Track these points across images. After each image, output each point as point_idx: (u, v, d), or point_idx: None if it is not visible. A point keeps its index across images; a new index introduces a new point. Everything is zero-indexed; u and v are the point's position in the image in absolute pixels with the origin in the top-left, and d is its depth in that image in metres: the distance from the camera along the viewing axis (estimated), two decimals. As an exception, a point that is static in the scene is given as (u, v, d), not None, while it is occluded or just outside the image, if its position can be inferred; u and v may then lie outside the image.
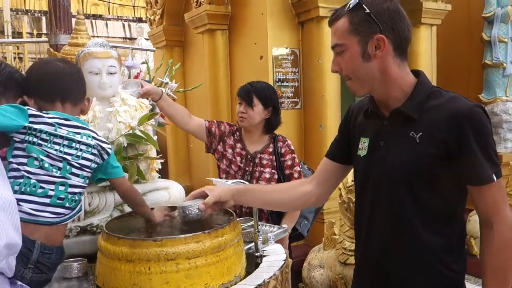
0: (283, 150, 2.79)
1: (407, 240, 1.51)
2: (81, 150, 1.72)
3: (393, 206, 1.53)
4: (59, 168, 1.67)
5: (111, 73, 2.18)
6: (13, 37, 10.47)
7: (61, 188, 1.68)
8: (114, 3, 13.10)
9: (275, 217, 2.71)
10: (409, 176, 1.48)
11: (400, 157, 1.50)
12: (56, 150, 1.67)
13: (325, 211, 3.86)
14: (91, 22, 12.25)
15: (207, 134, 2.80)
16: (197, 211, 1.67)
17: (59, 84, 1.76)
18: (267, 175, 2.72)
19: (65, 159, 1.68)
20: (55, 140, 1.67)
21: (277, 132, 2.92)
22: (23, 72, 1.84)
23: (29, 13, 11.16)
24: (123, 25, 12.54)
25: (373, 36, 1.45)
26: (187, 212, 1.68)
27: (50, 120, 1.67)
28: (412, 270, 1.53)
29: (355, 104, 1.75)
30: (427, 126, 1.46)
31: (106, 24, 12.37)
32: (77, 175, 1.72)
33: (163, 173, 5.68)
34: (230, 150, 2.79)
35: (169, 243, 1.60)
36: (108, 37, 12.01)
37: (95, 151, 1.76)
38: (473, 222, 4.57)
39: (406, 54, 1.52)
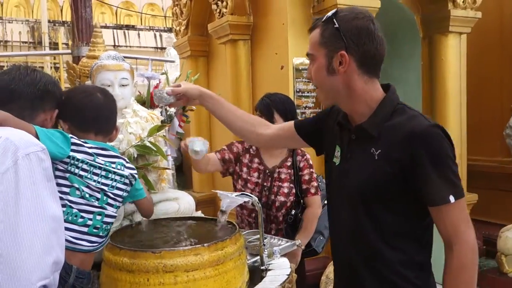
0: (301, 165, 2.76)
1: (366, 253, 1.53)
2: (115, 180, 1.79)
3: (353, 220, 1.54)
4: (97, 199, 1.74)
5: (123, 85, 2.23)
6: (49, 48, 10.81)
7: (98, 217, 1.74)
8: (146, 14, 13.38)
9: (290, 232, 2.68)
10: (367, 191, 1.50)
11: (360, 172, 1.52)
12: (95, 181, 1.72)
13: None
14: (124, 32, 12.53)
15: (222, 165, 2.74)
16: (165, 95, 1.85)
17: (97, 119, 1.82)
18: (286, 190, 2.69)
19: (102, 189, 1.75)
20: (94, 171, 1.73)
21: (298, 142, 2.89)
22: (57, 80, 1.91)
23: (65, 25, 11.50)
24: (155, 35, 12.77)
25: (338, 52, 1.47)
26: (158, 95, 1.87)
27: (90, 150, 1.72)
28: (374, 282, 1.52)
29: (336, 106, 1.74)
30: (385, 144, 1.47)
31: (138, 34, 12.62)
32: (112, 205, 1.79)
33: (188, 182, 5.75)
34: (245, 169, 2.75)
35: (167, 255, 1.60)
36: (140, 47, 12.28)
37: (127, 181, 1.84)
38: (504, 239, 4.41)
39: (376, 71, 1.53)
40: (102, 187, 1.75)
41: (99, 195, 1.74)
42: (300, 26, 3.91)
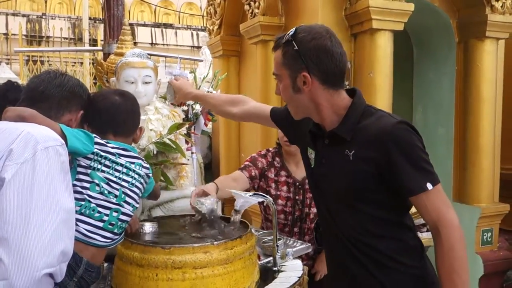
0: None
1: (360, 248, 1.59)
2: (135, 178, 1.85)
3: (340, 219, 1.62)
4: (116, 196, 1.78)
5: (146, 83, 2.27)
6: (89, 44, 11.10)
7: (115, 214, 1.77)
8: (184, 13, 13.55)
9: (320, 239, 2.62)
10: (348, 191, 1.58)
11: (338, 174, 1.60)
12: (116, 177, 1.78)
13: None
14: (162, 30, 12.74)
15: (250, 182, 2.62)
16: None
17: (113, 121, 1.88)
18: None
19: (122, 186, 1.80)
20: (116, 167, 1.79)
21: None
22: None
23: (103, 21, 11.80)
24: (192, 34, 12.92)
25: (300, 73, 1.55)
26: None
27: (112, 150, 1.79)
28: (377, 273, 1.58)
29: None
30: (358, 144, 1.55)
31: (176, 32, 12.80)
32: (129, 204, 1.82)
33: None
34: (273, 185, 2.67)
35: (176, 252, 1.63)
36: (177, 45, 12.45)
37: (142, 180, 1.89)
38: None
39: (340, 83, 1.60)
40: (123, 183, 1.79)
41: (117, 192, 1.78)
42: (332, 28, 3.80)
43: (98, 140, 1.75)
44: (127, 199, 1.81)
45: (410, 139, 1.50)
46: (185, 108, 2.77)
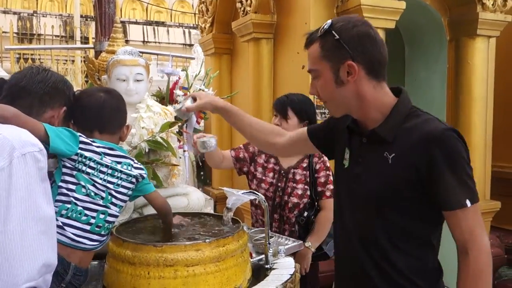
0: (317, 166, 2.73)
1: (377, 258, 1.51)
2: (121, 179, 1.80)
3: (365, 224, 1.53)
4: (102, 198, 1.75)
5: (137, 80, 2.26)
6: (81, 42, 11.04)
7: (102, 216, 1.75)
8: (176, 11, 13.51)
9: (303, 233, 2.66)
10: (380, 196, 1.48)
11: (372, 176, 1.50)
12: (101, 179, 1.74)
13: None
14: (154, 28, 12.69)
15: (234, 163, 2.77)
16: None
17: (98, 118, 1.84)
18: (300, 191, 2.67)
19: (107, 187, 1.76)
20: (101, 169, 1.75)
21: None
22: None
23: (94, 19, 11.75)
24: (184, 32, 12.88)
25: (344, 62, 1.46)
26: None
27: (97, 149, 1.75)
28: (384, 287, 1.50)
29: None
30: (400, 148, 1.45)
31: (168, 30, 12.76)
32: (115, 205, 1.80)
33: (208, 178, 5.79)
34: (260, 169, 2.76)
35: (168, 250, 1.62)
36: (169, 43, 12.41)
37: (133, 180, 1.84)
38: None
39: (383, 74, 1.53)
40: (108, 185, 1.76)
41: (104, 194, 1.75)
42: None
43: (83, 139, 1.71)
44: (114, 200, 1.79)
45: (458, 149, 1.41)
46: (177, 106, 2.77)
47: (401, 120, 1.49)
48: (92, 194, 1.72)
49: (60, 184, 1.69)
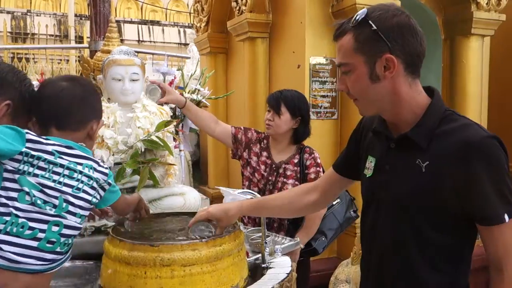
0: (308, 163, 2.73)
1: (404, 274, 1.42)
2: (82, 182, 1.51)
3: (392, 235, 1.44)
4: (54, 206, 1.44)
5: (133, 80, 2.25)
6: (75, 42, 11.00)
7: (54, 229, 1.44)
8: (171, 10, 13.49)
9: (292, 229, 2.67)
10: (411, 206, 1.38)
11: (403, 185, 1.39)
12: (54, 181, 1.44)
13: (358, 225, 3.78)
14: (149, 27, 12.67)
15: (233, 141, 2.81)
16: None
17: (54, 110, 1.54)
18: (290, 187, 2.67)
19: (63, 192, 1.46)
20: (55, 169, 1.45)
21: (312, 142, 2.88)
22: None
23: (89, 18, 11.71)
24: (179, 31, 12.86)
25: (382, 55, 1.33)
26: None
27: (49, 148, 1.45)
28: None
29: (367, 117, 1.63)
30: (435, 155, 1.34)
31: (163, 30, 12.74)
32: (74, 214, 1.49)
33: (203, 178, 5.80)
34: (254, 158, 2.78)
35: (165, 249, 1.62)
36: (164, 42, 12.38)
37: (95, 185, 1.55)
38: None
39: (419, 70, 1.40)
40: (64, 189, 1.46)
41: (56, 201, 1.44)
42: (318, 25, 3.89)
43: (31, 136, 1.43)
44: (72, 208, 1.48)
45: (500, 160, 1.29)
46: (173, 105, 2.77)
47: (435, 124, 1.36)
48: (40, 202, 1.41)
49: (0, 192, 1.40)
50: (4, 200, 1.40)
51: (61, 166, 1.47)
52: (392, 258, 1.44)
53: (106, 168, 1.61)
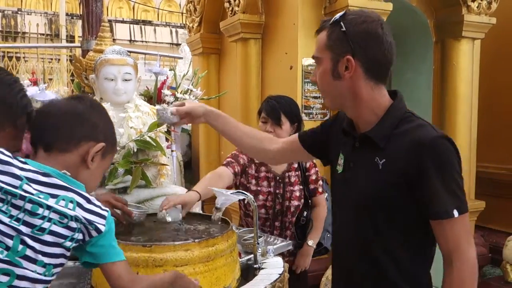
0: (307, 164, 2.74)
1: (367, 264, 1.49)
2: (49, 220, 1.17)
3: (356, 230, 1.51)
4: (7, 248, 1.13)
5: (126, 80, 2.25)
6: (66, 41, 10.94)
7: (3, 279, 1.13)
8: (163, 10, 13.46)
9: (300, 233, 2.69)
10: (371, 202, 1.46)
11: (363, 182, 1.48)
12: (12, 216, 1.15)
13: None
14: (141, 27, 12.64)
15: (234, 179, 2.59)
16: (169, 115, 1.75)
17: (40, 127, 1.31)
18: (297, 193, 2.67)
19: (20, 232, 1.15)
20: (14, 201, 1.15)
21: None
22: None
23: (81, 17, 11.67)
24: (171, 31, 12.85)
25: (344, 56, 1.43)
26: (160, 114, 1.76)
27: (18, 172, 1.18)
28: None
29: (342, 113, 1.69)
30: (390, 153, 1.43)
31: (155, 29, 12.72)
32: (34, 261, 1.16)
33: (195, 178, 5.79)
34: (253, 181, 2.65)
35: (157, 249, 1.62)
36: (156, 42, 12.37)
37: (74, 224, 1.21)
38: (510, 248, 4.37)
39: (383, 77, 1.49)
40: (21, 228, 1.15)
41: (10, 242, 1.13)
42: (311, 27, 3.89)
43: (2, 156, 1.18)
44: (30, 253, 1.15)
45: (449, 158, 1.38)
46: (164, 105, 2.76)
47: (394, 124, 1.45)
48: None
49: None
50: None
51: (22, 198, 1.16)
52: (359, 252, 1.51)
53: (104, 209, 1.27)
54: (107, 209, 1.28)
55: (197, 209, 2.55)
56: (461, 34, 4.39)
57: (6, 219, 1.14)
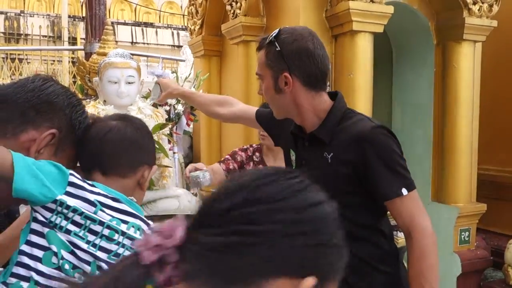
0: None
1: None
2: (123, 246, 1.19)
3: None
4: (84, 274, 1.14)
5: (129, 83, 2.28)
6: (68, 43, 10.98)
7: None
8: (165, 12, 13.50)
9: None
10: (326, 193, 1.54)
11: (316, 177, 1.55)
12: (89, 242, 1.15)
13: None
14: (142, 29, 12.67)
15: (226, 176, 2.70)
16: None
17: (99, 152, 1.31)
18: None
19: (97, 258, 1.16)
20: (92, 227, 1.16)
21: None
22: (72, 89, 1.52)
23: (84, 20, 11.69)
24: (172, 33, 12.88)
25: (282, 73, 1.57)
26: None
27: (92, 197, 1.17)
28: (351, 275, 1.59)
29: None
30: (336, 147, 1.58)
31: (156, 32, 12.75)
32: None
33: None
34: None
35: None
36: (157, 44, 12.39)
37: None
38: (512, 251, 4.37)
39: (322, 86, 1.63)
40: (98, 253, 1.15)
41: (87, 268, 1.14)
42: (312, 29, 3.90)
43: (75, 179, 1.17)
44: None
45: (387, 144, 1.54)
46: (167, 108, 2.78)
47: (336, 122, 1.61)
48: (67, 266, 1.12)
49: (23, 248, 1.12)
50: (26, 260, 1.11)
51: (101, 224, 1.16)
52: None
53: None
54: (150, 223, 1.30)
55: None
56: (462, 37, 4.39)
57: (84, 245, 1.14)
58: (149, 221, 1.28)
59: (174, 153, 3.11)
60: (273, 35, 1.59)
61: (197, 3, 5.20)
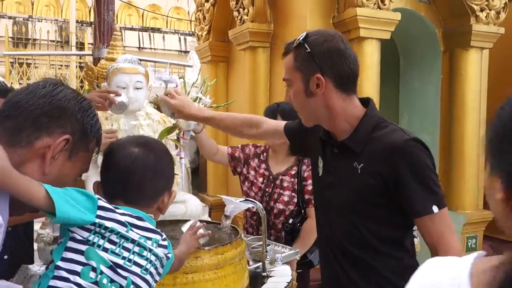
0: (306, 174, 2.73)
1: (355, 262, 1.57)
2: (150, 262, 1.29)
3: (342, 231, 1.60)
4: (121, 287, 1.22)
5: (137, 88, 2.29)
6: (76, 48, 11.05)
7: None
8: (172, 17, 13.58)
9: (289, 240, 2.68)
10: (353, 204, 1.55)
11: (345, 186, 1.58)
12: (124, 258, 1.23)
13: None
14: (149, 35, 12.75)
15: (229, 160, 2.86)
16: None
17: (122, 185, 1.35)
18: (286, 198, 2.69)
19: (132, 272, 1.23)
20: (125, 244, 1.24)
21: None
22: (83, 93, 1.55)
23: (92, 25, 11.77)
24: (179, 38, 12.95)
25: (314, 75, 1.52)
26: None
27: (122, 218, 1.25)
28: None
29: None
30: (367, 158, 1.53)
31: (163, 37, 12.82)
32: None
33: (202, 185, 5.81)
34: (252, 172, 2.82)
35: (168, 257, 1.64)
36: (164, 49, 12.46)
37: (159, 265, 1.33)
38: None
39: (353, 88, 1.59)
40: (133, 268, 1.24)
41: (124, 282, 1.21)
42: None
43: (103, 203, 1.23)
44: None
45: (420, 158, 1.47)
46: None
47: (368, 131, 1.55)
48: (105, 281, 1.18)
49: (59, 263, 1.18)
50: (64, 274, 1.17)
51: (132, 241, 1.25)
52: (345, 252, 1.60)
53: (165, 239, 1.37)
54: (162, 233, 1.36)
55: (205, 216, 2.57)
56: (470, 43, 4.39)
57: (120, 261, 1.22)
58: (162, 232, 1.36)
59: (181, 158, 3.11)
60: (301, 38, 1.54)
61: (204, 9, 5.23)
